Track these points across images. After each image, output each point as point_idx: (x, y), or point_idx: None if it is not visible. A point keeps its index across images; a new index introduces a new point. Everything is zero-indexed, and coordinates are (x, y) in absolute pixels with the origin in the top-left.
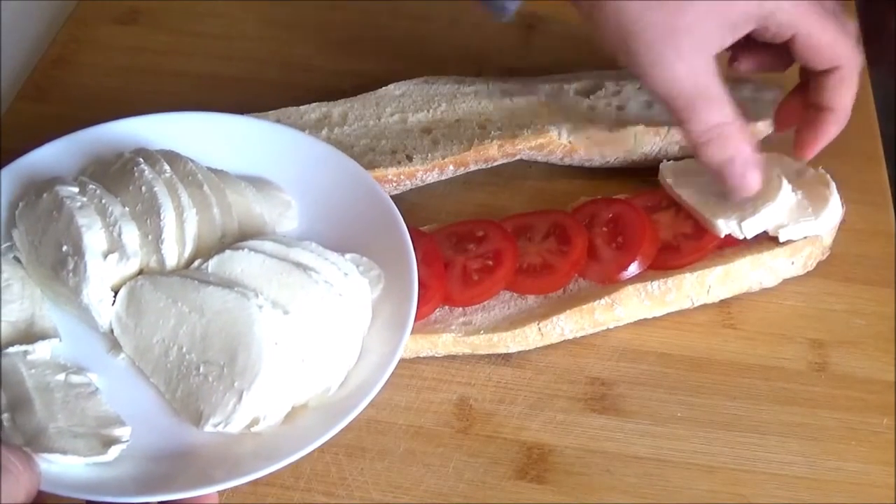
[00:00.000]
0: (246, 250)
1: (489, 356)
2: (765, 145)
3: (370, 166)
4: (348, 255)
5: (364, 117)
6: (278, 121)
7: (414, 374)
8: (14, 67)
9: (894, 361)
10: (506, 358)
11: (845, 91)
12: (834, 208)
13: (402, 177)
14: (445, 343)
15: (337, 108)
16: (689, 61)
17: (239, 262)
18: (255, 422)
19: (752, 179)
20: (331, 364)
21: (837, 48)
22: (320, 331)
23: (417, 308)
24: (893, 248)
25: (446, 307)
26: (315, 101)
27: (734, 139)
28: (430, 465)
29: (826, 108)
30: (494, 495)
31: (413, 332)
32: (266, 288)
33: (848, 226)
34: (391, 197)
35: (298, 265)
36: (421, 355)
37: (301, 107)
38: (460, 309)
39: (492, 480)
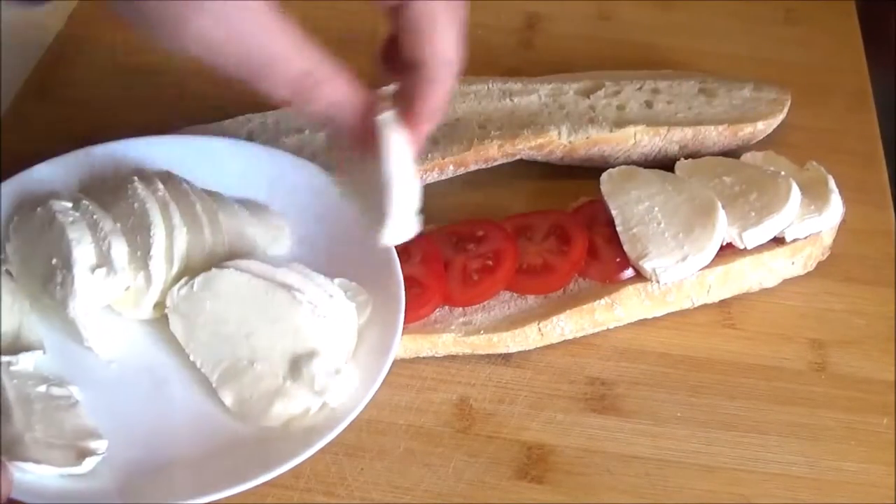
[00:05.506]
0: (231, 269)
1: (489, 356)
2: (764, 145)
3: None
4: (337, 280)
5: None
6: (278, 121)
7: (414, 374)
8: (14, 67)
9: (894, 361)
10: (506, 358)
11: (432, 29)
12: (835, 205)
13: None
14: (445, 343)
15: None
16: (225, 23)
17: (224, 281)
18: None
19: (353, 122)
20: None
21: None
22: (301, 350)
23: (417, 309)
24: (893, 248)
25: (446, 307)
26: None
27: (330, 81)
28: (430, 465)
29: (416, 63)
30: (494, 495)
31: (413, 332)
32: (250, 306)
33: (848, 226)
34: None
35: (283, 285)
36: (421, 355)
37: None
38: (460, 309)
39: (492, 480)
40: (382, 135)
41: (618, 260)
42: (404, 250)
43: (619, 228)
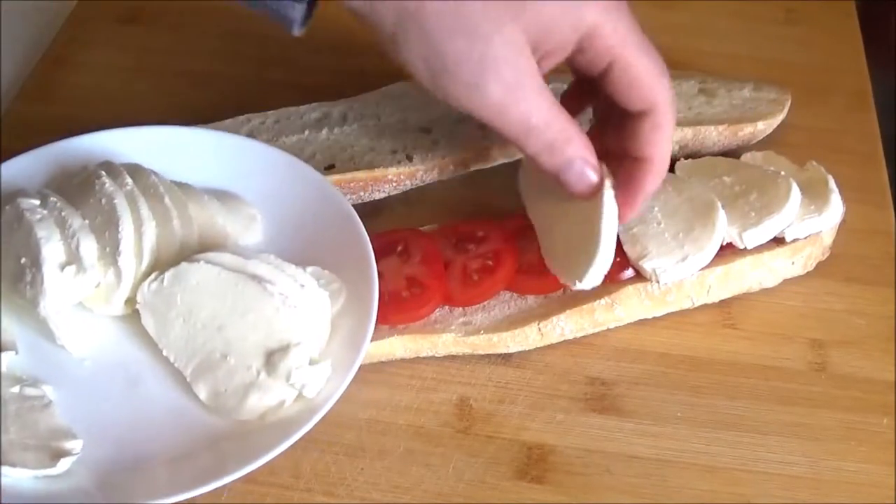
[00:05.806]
0: (202, 262)
1: (489, 356)
2: (764, 145)
3: (370, 166)
4: (310, 269)
5: (364, 117)
6: (278, 121)
7: (414, 374)
8: (14, 67)
9: (894, 361)
10: (506, 358)
11: (661, 138)
12: (835, 205)
13: (402, 177)
14: (445, 343)
15: (337, 108)
16: (512, 92)
17: (195, 275)
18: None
19: (589, 178)
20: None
21: (655, 86)
22: (274, 342)
23: (417, 309)
24: (893, 248)
25: (446, 307)
26: (315, 101)
27: (570, 144)
28: (430, 465)
29: (641, 157)
30: (494, 495)
31: (413, 332)
32: (221, 299)
33: (848, 226)
34: (391, 197)
35: (254, 277)
36: (421, 355)
37: (301, 107)
38: (460, 309)
39: (492, 480)
40: (604, 200)
41: (618, 260)
42: (404, 250)
43: (619, 228)
